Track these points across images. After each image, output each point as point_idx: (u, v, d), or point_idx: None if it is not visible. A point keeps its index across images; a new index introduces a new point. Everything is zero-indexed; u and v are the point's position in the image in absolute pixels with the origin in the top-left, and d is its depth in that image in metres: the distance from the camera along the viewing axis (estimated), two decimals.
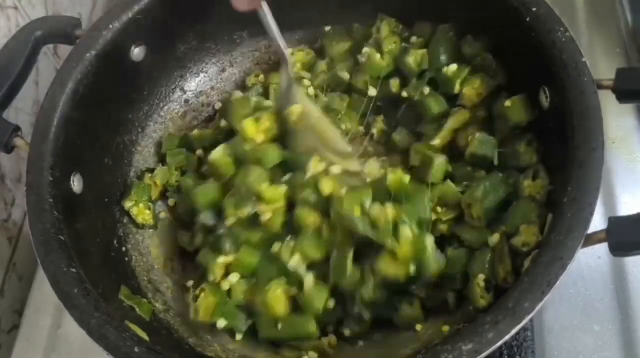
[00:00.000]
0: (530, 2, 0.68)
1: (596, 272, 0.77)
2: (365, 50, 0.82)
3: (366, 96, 0.82)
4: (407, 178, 0.69)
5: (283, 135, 0.76)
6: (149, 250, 0.78)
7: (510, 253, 0.66)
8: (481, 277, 0.66)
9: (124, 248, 0.76)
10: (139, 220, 0.78)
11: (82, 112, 0.71)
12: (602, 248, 0.56)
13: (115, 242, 0.75)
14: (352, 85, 0.83)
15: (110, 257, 0.73)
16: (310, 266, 0.70)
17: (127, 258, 0.76)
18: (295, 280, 0.69)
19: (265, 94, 0.85)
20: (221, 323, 0.70)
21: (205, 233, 0.76)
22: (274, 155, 0.74)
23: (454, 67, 0.77)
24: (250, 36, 0.89)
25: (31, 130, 0.69)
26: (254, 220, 0.72)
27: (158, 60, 0.82)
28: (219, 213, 0.74)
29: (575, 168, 0.59)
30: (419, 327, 0.69)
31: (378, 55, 0.81)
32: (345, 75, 0.83)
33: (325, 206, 0.70)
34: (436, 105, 0.77)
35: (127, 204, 0.78)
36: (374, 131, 0.83)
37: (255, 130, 0.74)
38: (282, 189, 0.72)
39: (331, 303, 0.69)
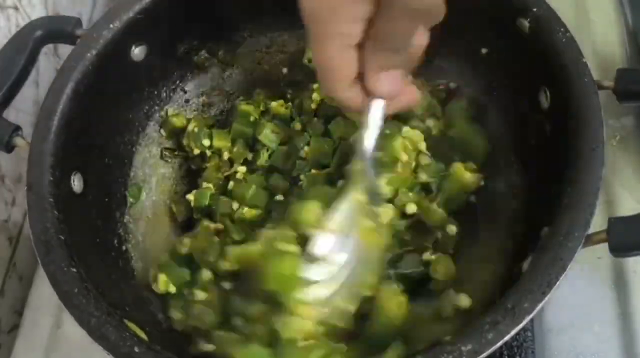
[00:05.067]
0: (530, 2, 0.68)
1: (596, 272, 0.77)
2: None
3: None
4: None
5: None
6: (149, 250, 0.78)
7: None
8: None
9: (124, 248, 0.76)
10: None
11: (82, 112, 0.71)
12: (602, 249, 0.56)
13: (116, 241, 0.75)
14: None
15: (110, 256, 0.73)
16: None
17: (127, 258, 0.76)
18: None
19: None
20: None
21: None
22: None
23: None
24: (251, 36, 0.89)
25: (31, 130, 0.69)
26: None
27: (158, 60, 0.81)
28: None
29: (575, 168, 0.59)
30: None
31: None
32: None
33: None
34: None
35: None
36: None
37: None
38: None
39: None
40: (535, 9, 0.68)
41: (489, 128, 0.77)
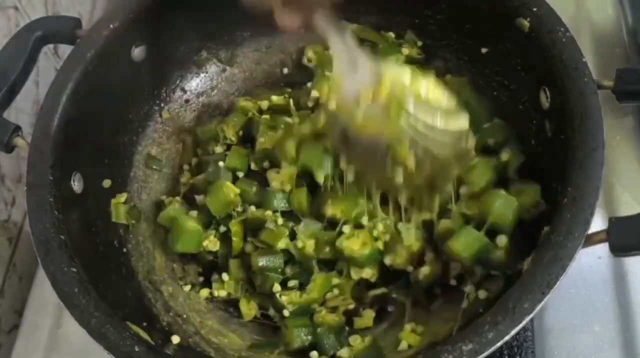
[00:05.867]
0: (530, 2, 0.68)
1: (596, 272, 0.77)
2: None
3: None
4: None
5: None
6: (149, 250, 0.78)
7: None
8: None
9: (124, 249, 0.76)
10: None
11: (82, 112, 0.71)
12: (602, 249, 0.56)
13: (116, 242, 0.75)
14: None
15: (110, 257, 0.73)
16: None
17: (127, 259, 0.76)
18: None
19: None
20: None
21: None
22: None
23: None
24: (251, 36, 0.89)
25: (31, 130, 0.69)
26: None
27: (158, 60, 0.81)
28: None
29: (575, 168, 0.59)
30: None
31: None
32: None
33: None
34: None
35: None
36: None
37: None
38: None
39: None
40: (535, 9, 0.68)
41: None
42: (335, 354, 0.68)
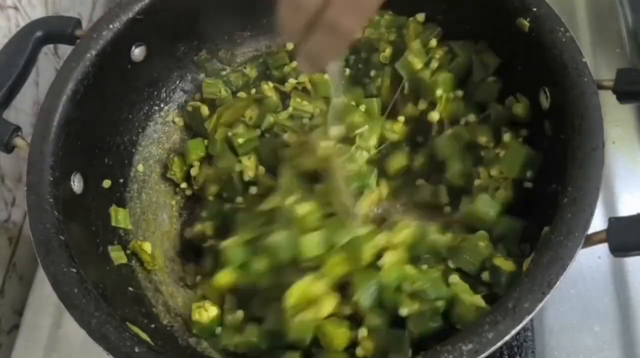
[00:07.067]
0: (530, 2, 0.68)
1: (596, 272, 0.77)
2: None
3: None
4: None
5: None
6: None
7: None
8: None
9: (125, 249, 0.76)
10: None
11: (82, 112, 0.71)
12: (602, 249, 0.56)
13: (116, 241, 0.75)
14: None
15: (110, 257, 0.73)
16: None
17: (127, 259, 0.76)
18: None
19: None
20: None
21: None
22: None
23: None
24: (251, 36, 0.89)
25: (31, 130, 0.69)
26: None
27: (158, 60, 0.81)
28: None
29: (575, 168, 0.59)
30: None
31: None
32: None
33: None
34: None
35: None
36: None
37: None
38: None
39: None
40: (535, 9, 0.68)
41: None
42: None
